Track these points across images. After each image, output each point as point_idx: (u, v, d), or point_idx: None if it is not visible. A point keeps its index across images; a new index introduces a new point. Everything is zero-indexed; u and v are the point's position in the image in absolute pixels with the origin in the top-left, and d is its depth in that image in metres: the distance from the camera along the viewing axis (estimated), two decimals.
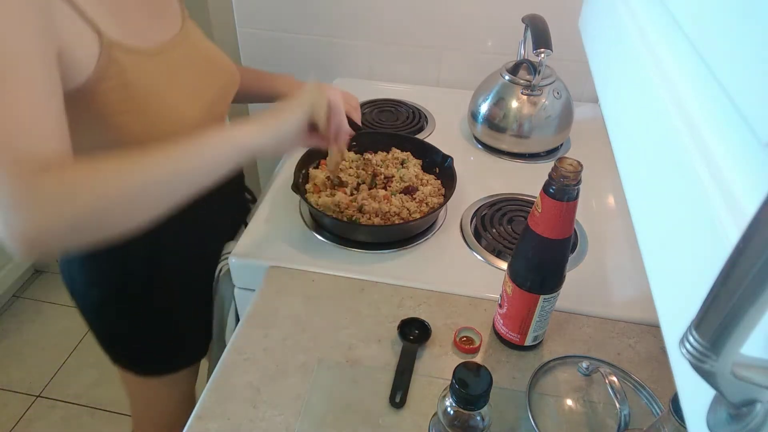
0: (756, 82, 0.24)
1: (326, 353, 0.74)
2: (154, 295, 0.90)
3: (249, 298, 0.83)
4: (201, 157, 0.63)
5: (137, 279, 0.87)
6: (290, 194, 0.94)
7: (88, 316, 0.92)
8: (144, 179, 0.59)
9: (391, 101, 1.33)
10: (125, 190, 0.58)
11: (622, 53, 0.46)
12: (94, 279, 0.86)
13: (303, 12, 1.40)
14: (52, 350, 1.85)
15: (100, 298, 0.88)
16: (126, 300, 0.88)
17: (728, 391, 0.20)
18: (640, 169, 0.37)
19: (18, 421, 1.65)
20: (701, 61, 0.30)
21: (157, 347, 0.96)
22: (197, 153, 0.64)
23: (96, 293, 0.87)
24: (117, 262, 0.84)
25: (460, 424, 0.54)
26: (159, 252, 0.85)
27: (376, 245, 0.90)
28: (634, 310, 0.80)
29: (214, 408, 0.67)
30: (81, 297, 0.89)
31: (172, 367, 0.99)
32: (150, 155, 0.60)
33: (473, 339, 0.76)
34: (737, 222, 0.23)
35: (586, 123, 1.27)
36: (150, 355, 0.97)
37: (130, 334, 0.93)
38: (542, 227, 0.63)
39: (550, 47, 1.01)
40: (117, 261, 0.84)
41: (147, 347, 0.95)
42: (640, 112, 0.38)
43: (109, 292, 0.87)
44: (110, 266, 0.84)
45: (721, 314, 0.19)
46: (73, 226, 0.56)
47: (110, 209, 0.58)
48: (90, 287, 0.87)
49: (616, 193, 1.06)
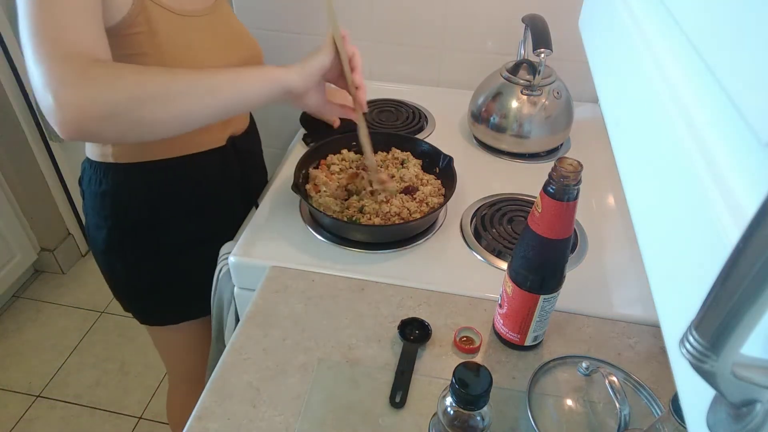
0: (756, 82, 0.24)
1: (326, 353, 0.74)
2: (150, 245, 0.94)
3: (249, 298, 0.83)
4: (237, 81, 0.71)
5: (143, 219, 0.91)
6: (290, 194, 0.94)
7: (98, 259, 0.98)
8: (184, 84, 0.67)
9: (391, 101, 1.33)
10: (164, 89, 0.66)
11: (622, 53, 0.46)
12: (101, 221, 0.91)
13: (303, 12, 1.40)
14: (52, 350, 1.85)
15: (108, 239, 0.92)
16: (132, 240, 0.93)
17: (728, 391, 0.20)
18: (640, 169, 0.37)
19: (18, 421, 1.65)
20: (701, 61, 0.30)
21: (153, 297, 1.00)
22: (234, 76, 0.71)
23: (104, 234, 0.92)
24: (119, 206, 0.90)
25: (460, 424, 0.54)
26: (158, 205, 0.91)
27: (376, 245, 0.90)
28: (634, 310, 0.80)
29: (214, 408, 0.67)
30: (93, 240, 0.96)
31: (182, 316, 1.03)
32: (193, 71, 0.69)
33: (473, 339, 0.76)
34: (737, 222, 0.23)
35: (586, 123, 1.27)
36: (148, 304, 1.02)
37: (138, 278, 0.97)
38: (542, 227, 0.63)
39: (550, 47, 1.01)
40: (119, 206, 0.90)
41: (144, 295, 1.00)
42: (640, 112, 0.38)
43: (116, 233, 0.92)
44: (117, 206, 0.90)
45: (721, 314, 0.19)
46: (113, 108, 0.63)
47: (147, 101, 0.65)
48: (99, 229, 0.92)
49: (616, 193, 1.06)
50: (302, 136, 1.18)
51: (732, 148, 0.25)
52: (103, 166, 0.88)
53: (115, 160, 0.87)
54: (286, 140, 1.28)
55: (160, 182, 0.90)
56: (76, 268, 2.17)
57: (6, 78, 1.73)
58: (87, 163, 0.91)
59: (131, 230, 0.93)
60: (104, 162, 0.88)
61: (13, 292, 2.03)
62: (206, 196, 0.95)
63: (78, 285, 2.10)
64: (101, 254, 0.96)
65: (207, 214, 0.96)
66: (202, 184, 0.94)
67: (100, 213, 0.91)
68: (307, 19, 1.41)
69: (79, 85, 0.62)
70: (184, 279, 0.99)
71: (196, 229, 0.96)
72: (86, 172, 0.91)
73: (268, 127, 1.31)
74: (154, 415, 1.68)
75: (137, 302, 1.03)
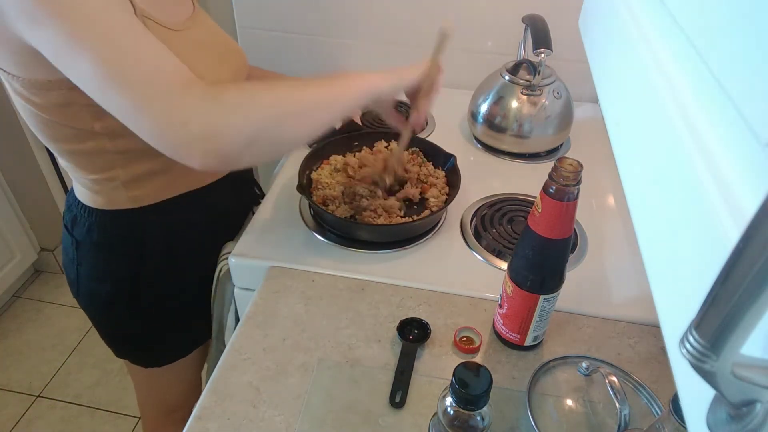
0: (756, 82, 0.24)
1: (326, 353, 0.74)
2: (165, 287, 0.90)
3: (249, 298, 0.83)
4: (348, 91, 0.73)
5: (150, 271, 0.86)
6: (290, 195, 0.94)
7: (95, 314, 0.92)
8: (311, 98, 0.69)
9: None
10: (297, 105, 0.67)
11: (622, 53, 0.46)
12: (105, 273, 0.86)
13: (303, 12, 1.39)
14: (52, 350, 1.85)
15: (114, 292, 0.87)
16: (136, 294, 0.88)
17: (728, 391, 0.20)
18: (640, 169, 0.37)
19: (18, 421, 1.65)
20: (701, 61, 0.30)
21: (164, 339, 0.96)
22: (345, 87, 0.73)
23: (108, 288, 0.87)
24: (133, 254, 0.84)
25: (460, 424, 0.54)
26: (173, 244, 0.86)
27: (377, 245, 0.90)
28: (634, 310, 0.80)
29: (214, 408, 0.67)
30: (88, 295, 0.89)
31: (177, 355, 0.99)
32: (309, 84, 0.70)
33: (473, 339, 0.76)
34: (737, 222, 0.23)
35: (586, 123, 1.27)
36: (156, 347, 0.97)
37: (138, 328, 0.93)
38: (542, 227, 0.63)
39: (550, 47, 1.01)
40: (132, 254, 0.84)
41: (153, 340, 0.96)
42: (640, 112, 0.38)
43: (126, 285, 0.86)
44: (130, 255, 0.84)
45: (721, 314, 0.19)
46: (256, 132, 0.62)
47: (285, 120, 0.65)
48: (100, 282, 0.86)
49: (616, 193, 1.06)
50: None
51: (732, 148, 0.25)
52: (109, 214, 0.80)
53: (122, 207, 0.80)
54: None
55: (175, 221, 0.85)
56: None
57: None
58: (82, 209, 0.81)
59: (144, 278, 0.86)
60: (111, 209, 0.80)
61: (13, 292, 2.03)
62: (218, 224, 0.93)
63: None
64: (100, 307, 0.89)
65: (219, 241, 0.93)
66: (213, 214, 0.90)
67: (105, 265, 0.84)
68: (307, 19, 1.41)
69: (218, 114, 0.59)
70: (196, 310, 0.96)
71: (210, 260, 0.92)
72: (81, 220, 0.82)
73: None
74: None
75: (142, 348, 0.97)
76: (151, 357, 0.98)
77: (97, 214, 0.81)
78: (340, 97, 0.72)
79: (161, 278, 0.88)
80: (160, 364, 0.99)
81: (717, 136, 0.27)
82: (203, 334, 1.01)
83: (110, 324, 0.93)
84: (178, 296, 0.92)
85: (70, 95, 0.66)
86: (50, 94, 0.66)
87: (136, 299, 0.88)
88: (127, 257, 0.84)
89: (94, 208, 0.81)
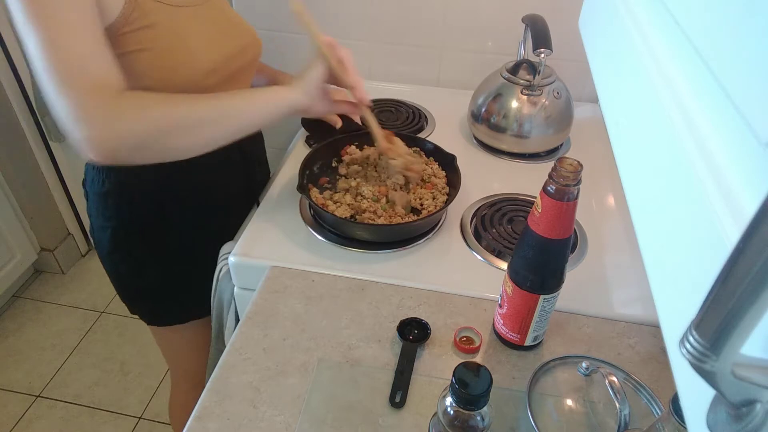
0: (756, 81, 0.24)
1: (326, 353, 0.74)
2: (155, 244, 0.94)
3: (249, 298, 0.83)
4: (249, 106, 0.79)
5: (147, 219, 0.91)
6: (290, 194, 0.94)
7: (104, 261, 0.98)
8: (204, 112, 0.74)
9: (391, 101, 1.33)
10: (187, 119, 0.72)
11: (621, 53, 0.46)
12: (105, 222, 0.91)
13: None
14: (52, 350, 1.85)
15: (112, 240, 0.92)
16: (137, 241, 0.93)
17: (728, 391, 0.20)
18: (639, 169, 0.37)
19: (18, 421, 1.65)
20: (701, 61, 0.30)
21: (159, 297, 1.00)
22: (247, 102, 0.79)
23: (109, 235, 0.92)
24: (124, 206, 0.89)
25: (460, 424, 0.54)
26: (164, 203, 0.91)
27: (377, 245, 0.90)
28: (634, 310, 0.80)
29: (214, 408, 0.67)
30: (98, 243, 0.96)
31: (175, 318, 1.04)
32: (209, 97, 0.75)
33: (473, 339, 0.76)
34: (737, 222, 0.23)
35: (586, 123, 1.27)
36: (154, 304, 1.02)
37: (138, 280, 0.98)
38: (542, 227, 0.63)
39: (550, 47, 1.01)
40: (124, 205, 0.89)
41: (150, 295, 1.00)
42: (640, 112, 0.38)
43: (120, 233, 0.92)
44: (121, 205, 0.90)
45: (721, 314, 0.19)
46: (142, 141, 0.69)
47: (173, 132, 0.71)
48: (103, 230, 0.92)
49: (616, 193, 1.06)
50: (305, 137, 1.18)
51: (732, 148, 0.25)
52: (107, 167, 0.88)
53: None
54: (286, 140, 1.28)
55: (167, 182, 0.89)
56: (76, 268, 2.17)
57: (6, 78, 1.73)
58: (90, 164, 0.91)
59: (136, 231, 0.92)
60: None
61: (13, 292, 2.03)
62: (212, 195, 0.95)
63: (78, 285, 2.10)
64: (106, 256, 0.96)
65: (212, 213, 0.96)
66: (207, 184, 0.94)
67: (104, 214, 0.91)
68: None
69: (108, 121, 0.67)
70: (191, 278, 0.99)
71: (201, 229, 0.95)
72: (89, 173, 0.91)
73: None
74: (154, 415, 1.68)
75: (143, 303, 1.03)
76: (151, 313, 1.03)
77: (98, 167, 0.89)
78: (241, 112, 0.78)
79: (150, 235, 0.93)
80: (158, 324, 1.05)
81: (717, 136, 0.27)
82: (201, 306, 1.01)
83: (114, 273, 0.99)
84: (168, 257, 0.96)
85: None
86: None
87: (130, 251, 0.94)
88: (120, 209, 0.90)
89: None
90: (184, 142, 0.74)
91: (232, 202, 1.00)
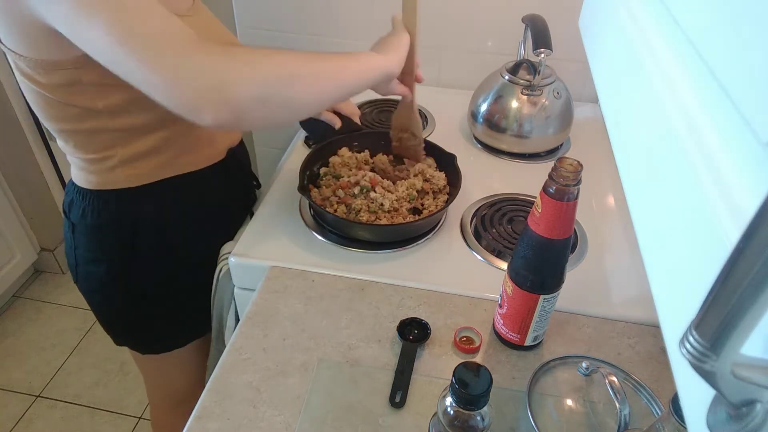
0: (756, 82, 0.24)
1: (326, 353, 0.74)
2: (159, 271, 0.91)
3: (249, 298, 0.83)
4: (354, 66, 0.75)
5: (150, 247, 0.88)
6: (290, 195, 0.94)
7: (92, 297, 0.93)
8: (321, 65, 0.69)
9: (391, 101, 1.32)
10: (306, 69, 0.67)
11: (621, 53, 0.46)
12: (99, 255, 0.87)
13: (303, 12, 1.39)
14: (52, 350, 1.85)
15: (109, 273, 0.88)
16: (130, 276, 0.89)
17: (728, 391, 0.20)
18: (640, 169, 0.37)
19: (18, 421, 1.65)
20: (701, 61, 0.30)
21: (159, 326, 0.97)
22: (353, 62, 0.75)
23: (104, 268, 0.88)
24: (125, 236, 0.85)
25: (460, 424, 0.54)
26: (165, 227, 0.87)
27: (377, 245, 0.90)
28: (634, 310, 0.80)
29: (214, 408, 0.67)
30: (85, 278, 0.90)
31: (173, 344, 1.00)
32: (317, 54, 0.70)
33: (473, 339, 0.76)
34: (737, 222, 0.23)
35: (586, 123, 1.27)
36: (152, 334, 0.98)
37: (133, 313, 0.94)
38: (542, 227, 0.63)
39: (550, 47, 1.01)
40: (125, 235, 0.85)
41: (148, 326, 0.97)
42: (640, 112, 0.38)
43: (119, 265, 0.88)
44: (121, 236, 0.85)
45: (721, 314, 0.19)
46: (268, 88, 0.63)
47: (295, 80, 0.65)
48: (96, 264, 0.88)
49: (616, 193, 1.06)
50: (303, 138, 1.18)
51: (732, 148, 0.25)
52: (102, 195, 0.82)
53: (117, 186, 0.81)
54: (285, 140, 1.28)
55: (168, 204, 0.86)
56: None
57: (6, 78, 1.73)
58: (77, 193, 0.83)
59: (137, 259, 0.87)
60: (103, 189, 0.81)
61: (13, 292, 2.03)
62: (212, 212, 0.93)
63: None
64: (97, 289, 0.90)
65: (212, 230, 0.93)
66: (207, 201, 0.91)
67: (98, 246, 0.86)
68: (307, 20, 1.41)
69: (229, 66, 0.60)
70: (191, 299, 0.96)
71: (204, 247, 0.93)
72: (76, 203, 0.84)
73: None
74: None
75: (139, 334, 0.98)
76: (148, 343, 0.99)
77: (91, 197, 0.82)
78: (349, 70, 0.73)
79: (153, 263, 0.89)
80: (156, 352, 1.00)
81: (717, 136, 0.27)
82: (200, 326, 1.01)
83: (106, 308, 0.94)
84: (170, 283, 0.92)
85: (75, 74, 0.68)
86: (56, 73, 0.69)
87: (129, 283, 0.90)
88: (120, 240, 0.86)
89: (88, 190, 0.82)
90: (305, 95, 0.67)
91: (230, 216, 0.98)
